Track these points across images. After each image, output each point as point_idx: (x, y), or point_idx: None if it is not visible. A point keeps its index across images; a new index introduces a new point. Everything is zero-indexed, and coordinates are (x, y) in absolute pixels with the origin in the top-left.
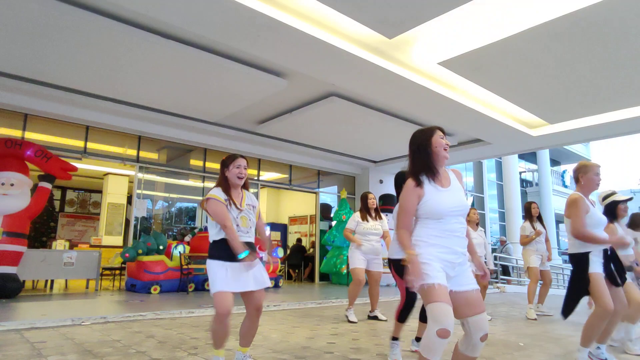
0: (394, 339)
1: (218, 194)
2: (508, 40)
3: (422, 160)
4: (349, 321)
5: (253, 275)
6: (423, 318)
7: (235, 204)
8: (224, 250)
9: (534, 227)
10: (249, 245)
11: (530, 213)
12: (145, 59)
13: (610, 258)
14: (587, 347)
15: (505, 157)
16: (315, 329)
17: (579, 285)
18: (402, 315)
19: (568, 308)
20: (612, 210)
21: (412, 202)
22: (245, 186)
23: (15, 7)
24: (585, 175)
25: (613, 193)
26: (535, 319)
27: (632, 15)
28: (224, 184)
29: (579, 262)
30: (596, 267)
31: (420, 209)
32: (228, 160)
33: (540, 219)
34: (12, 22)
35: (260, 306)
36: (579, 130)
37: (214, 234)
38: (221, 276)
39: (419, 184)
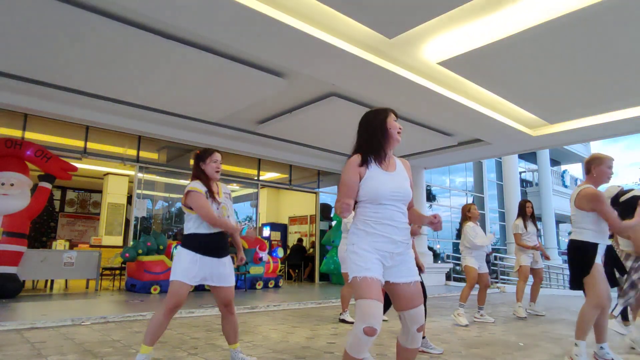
0: None
1: (198, 186)
2: (508, 40)
3: (372, 141)
4: (346, 322)
5: (218, 272)
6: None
7: (214, 195)
8: (200, 243)
9: (525, 226)
10: (224, 237)
11: (525, 211)
12: (145, 58)
13: (612, 257)
14: (583, 340)
15: (505, 157)
16: (315, 329)
17: (583, 273)
18: None
19: (577, 284)
20: (633, 205)
21: (353, 178)
22: None
23: (16, 7)
24: (598, 167)
25: (629, 190)
26: (525, 318)
27: (632, 15)
28: (203, 177)
29: (586, 251)
30: (598, 257)
31: (361, 189)
32: (205, 154)
33: (533, 217)
34: (13, 22)
35: (228, 303)
36: (579, 130)
37: (193, 227)
38: (186, 267)
39: (363, 163)
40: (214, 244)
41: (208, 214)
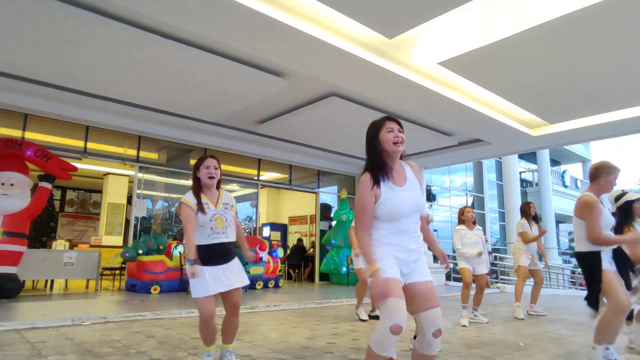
0: None
1: (189, 198)
2: (508, 40)
3: (373, 157)
4: (360, 319)
5: (231, 275)
6: None
7: (205, 206)
8: (204, 255)
9: (530, 226)
10: (228, 246)
11: (528, 213)
12: (145, 59)
13: (618, 258)
14: (601, 344)
15: (505, 157)
16: (315, 329)
17: (595, 283)
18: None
19: (593, 303)
20: (628, 210)
21: (370, 201)
22: (218, 185)
23: (16, 7)
24: (607, 177)
25: (624, 193)
26: (523, 319)
27: (632, 15)
28: (196, 186)
29: (591, 261)
30: (607, 263)
31: (377, 209)
32: (199, 162)
33: (536, 218)
34: (13, 22)
35: (236, 304)
36: (579, 130)
37: (197, 239)
38: (201, 281)
39: (375, 182)
40: (216, 254)
41: (185, 228)
